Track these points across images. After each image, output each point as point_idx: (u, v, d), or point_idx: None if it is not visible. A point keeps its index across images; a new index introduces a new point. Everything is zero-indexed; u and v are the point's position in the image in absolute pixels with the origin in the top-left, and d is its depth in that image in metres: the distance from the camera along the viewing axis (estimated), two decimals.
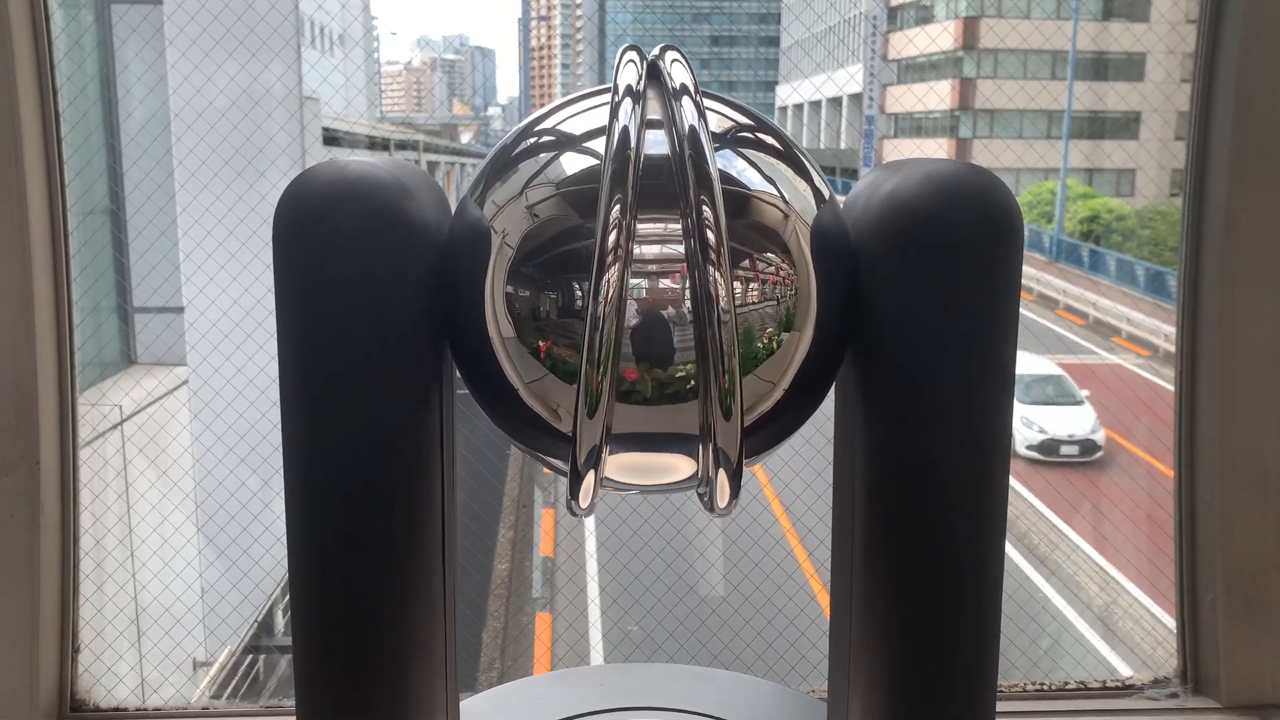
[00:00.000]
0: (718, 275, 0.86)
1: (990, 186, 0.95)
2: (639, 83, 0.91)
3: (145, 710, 1.61)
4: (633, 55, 0.94)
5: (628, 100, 0.89)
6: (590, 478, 0.91)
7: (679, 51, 0.95)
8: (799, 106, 31.91)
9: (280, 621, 7.78)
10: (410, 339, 0.95)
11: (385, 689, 1.01)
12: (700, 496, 1.01)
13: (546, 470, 1.06)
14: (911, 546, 0.97)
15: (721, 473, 0.91)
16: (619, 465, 0.97)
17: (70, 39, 6.12)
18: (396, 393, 0.96)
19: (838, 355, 1.00)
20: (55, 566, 1.57)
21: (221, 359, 7.22)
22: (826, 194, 1.00)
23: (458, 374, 1.04)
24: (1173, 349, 1.70)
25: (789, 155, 0.99)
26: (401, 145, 15.50)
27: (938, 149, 27.39)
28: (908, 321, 0.95)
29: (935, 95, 28.17)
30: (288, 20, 8.88)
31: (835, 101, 30.02)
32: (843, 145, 29.22)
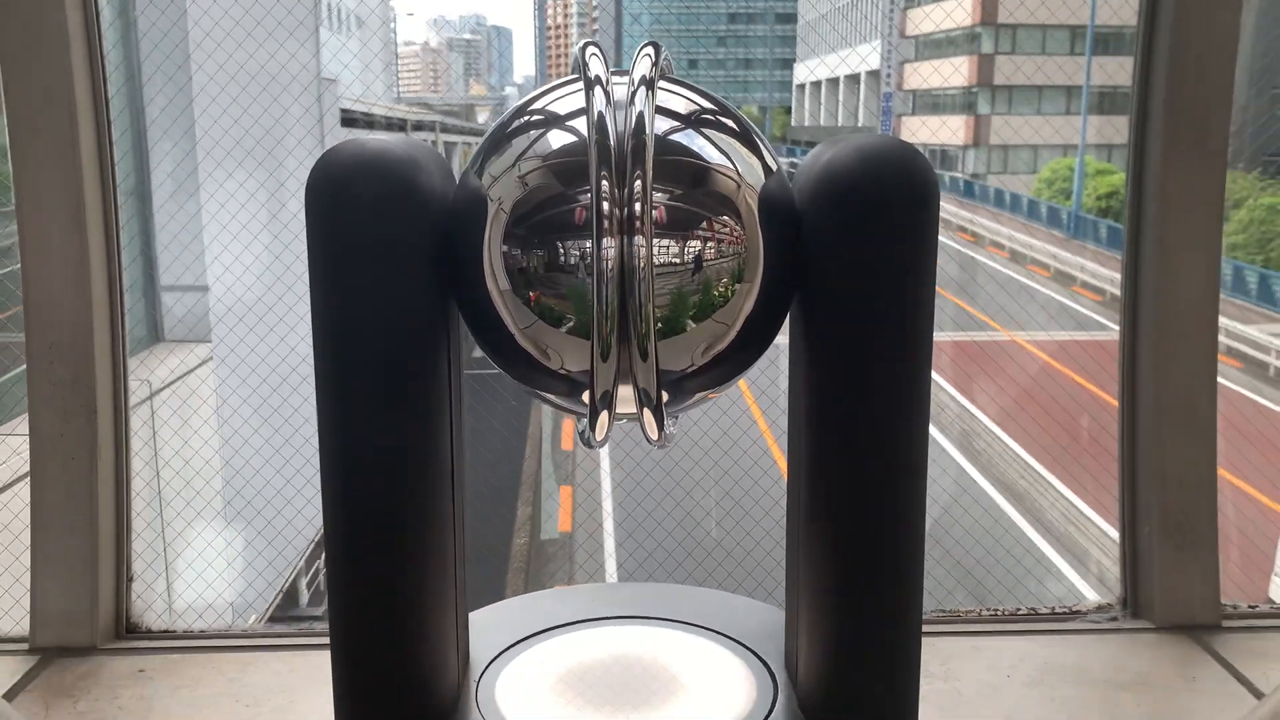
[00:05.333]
0: (640, 239, 1.03)
1: (909, 156, 1.13)
2: (606, 73, 1.08)
3: (192, 632, 1.80)
4: (594, 50, 1.12)
5: (598, 89, 1.07)
6: (605, 416, 1.09)
7: (654, 46, 1.12)
8: (816, 84, 31.78)
9: (304, 594, 7.99)
10: (421, 290, 1.14)
11: (405, 598, 1.20)
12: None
13: (551, 406, 1.24)
14: (848, 447, 1.15)
15: (646, 409, 1.09)
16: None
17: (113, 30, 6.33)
18: (411, 335, 1.14)
19: (785, 301, 1.18)
20: (111, 505, 1.76)
21: (246, 329, 7.43)
22: (774, 167, 1.17)
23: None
24: None
25: (743, 134, 1.17)
26: (418, 126, 15.62)
27: (956, 126, 27.26)
28: (842, 270, 1.13)
29: (953, 72, 27.99)
30: (304, 5, 9.03)
31: (853, 79, 29.89)
32: (860, 123, 29.10)
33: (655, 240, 1.08)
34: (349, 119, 11.41)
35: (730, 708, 1.28)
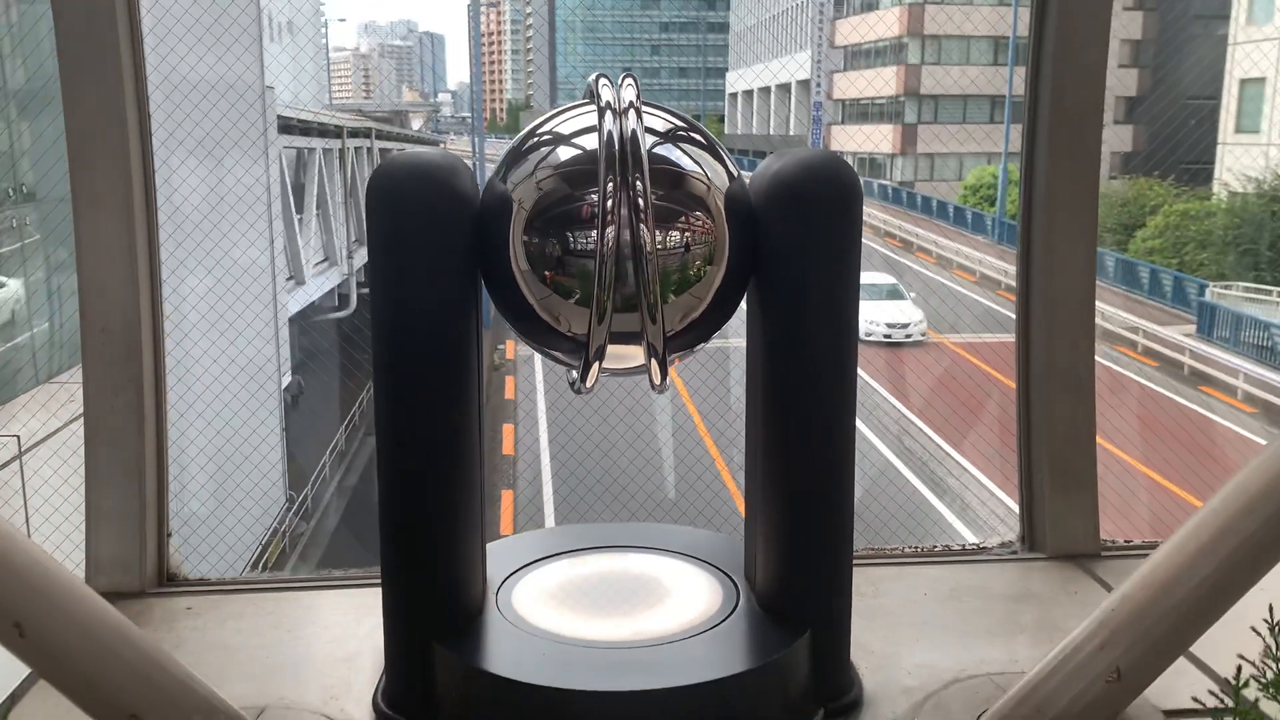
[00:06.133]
0: (645, 229, 1.35)
1: (840, 167, 1.46)
2: (616, 99, 1.39)
3: (225, 580, 2.05)
4: (605, 80, 1.43)
5: (609, 112, 1.38)
6: (596, 366, 1.41)
7: (633, 77, 1.43)
8: (749, 93, 32.32)
9: None
10: (457, 271, 1.44)
11: (442, 527, 1.49)
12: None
13: (558, 362, 1.55)
14: (794, 397, 1.47)
15: (653, 360, 1.41)
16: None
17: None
18: (447, 305, 1.44)
19: (745, 280, 1.50)
20: (154, 468, 2.01)
21: (199, 335, 7.57)
22: (735, 173, 1.50)
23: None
24: (1109, 326, 2.17)
25: (710, 148, 1.49)
26: (354, 133, 15.55)
27: (884, 135, 27.97)
28: (787, 256, 1.45)
29: (881, 81, 28.69)
30: (249, 15, 9.17)
31: (784, 88, 30.50)
32: (791, 132, 29.71)
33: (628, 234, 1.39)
34: (285, 125, 11.49)
35: (703, 606, 1.59)
